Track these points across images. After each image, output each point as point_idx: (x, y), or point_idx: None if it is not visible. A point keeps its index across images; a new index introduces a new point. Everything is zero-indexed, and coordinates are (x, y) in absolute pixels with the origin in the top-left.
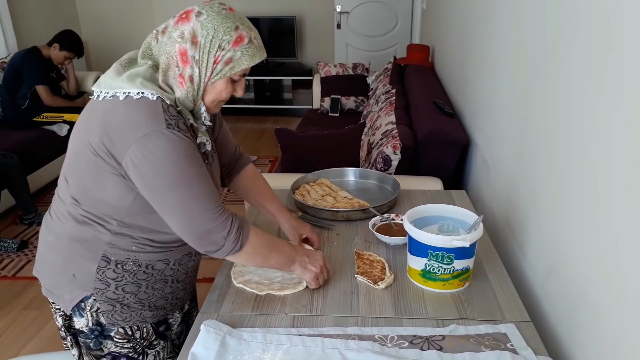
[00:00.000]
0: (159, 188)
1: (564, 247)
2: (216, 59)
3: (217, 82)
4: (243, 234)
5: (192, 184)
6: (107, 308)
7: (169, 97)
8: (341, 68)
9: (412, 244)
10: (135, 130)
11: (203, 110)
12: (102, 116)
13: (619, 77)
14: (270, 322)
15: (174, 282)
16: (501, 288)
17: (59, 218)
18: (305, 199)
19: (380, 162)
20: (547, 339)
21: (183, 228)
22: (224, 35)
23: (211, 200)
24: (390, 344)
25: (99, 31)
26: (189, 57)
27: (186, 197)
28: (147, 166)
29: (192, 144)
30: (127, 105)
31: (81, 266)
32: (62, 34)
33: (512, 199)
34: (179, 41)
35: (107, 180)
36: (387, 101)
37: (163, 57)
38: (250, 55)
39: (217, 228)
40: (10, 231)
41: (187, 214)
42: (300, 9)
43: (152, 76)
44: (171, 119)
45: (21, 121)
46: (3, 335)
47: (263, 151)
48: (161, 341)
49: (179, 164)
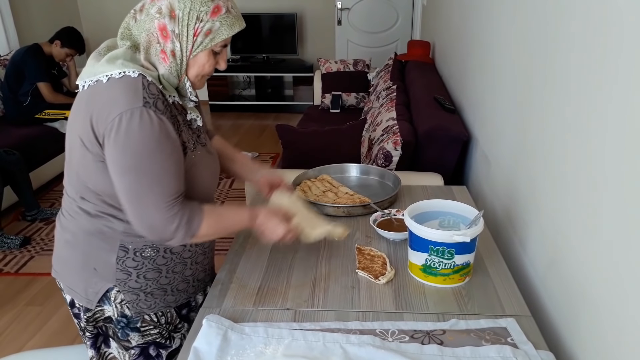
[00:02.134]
0: (121, 168)
1: (564, 242)
2: (195, 31)
3: (199, 55)
4: (193, 226)
5: (152, 170)
6: (131, 298)
7: (151, 75)
8: (342, 64)
9: (412, 239)
10: (113, 108)
11: (188, 85)
12: (86, 103)
13: (618, 72)
14: (272, 316)
15: (192, 263)
16: (502, 283)
17: (71, 215)
18: (307, 195)
19: (381, 158)
20: (548, 334)
21: (133, 215)
22: (201, 7)
23: (166, 193)
24: (391, 338)
25: (100, 28)
26: (169, 31)
27: (141, 183)
28: (116, 144)
29: (168, 126)
30: (109, 85)
31: (101, 259)
32: (63, 31)
33: (512, 194)
34: (157, 17)
35: (93, 169)
36: (388, 97)
37: (143, 35)
38: (229, 24)
39: (165, 222)
40: (13, 228)
41: (138, 201)
42: (301, 6)
43: (133, 56)
44: (150, 97)
45: (23, 118)
46: (6, 331)
47: (264, 147)
48: (185, 324)
49: (146, 146)
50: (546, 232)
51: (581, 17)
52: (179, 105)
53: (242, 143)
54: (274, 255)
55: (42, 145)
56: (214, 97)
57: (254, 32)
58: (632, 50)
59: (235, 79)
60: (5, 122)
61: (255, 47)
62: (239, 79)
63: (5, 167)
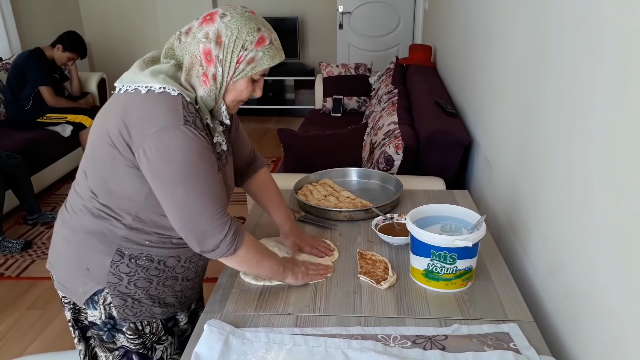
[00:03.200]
0: (168, 182)
1: (566, 246)
2: (239, 58)
3: (238, 82)
4: (238, 239)
5: (200, 182)
6: (119, 302)
7: (189, 95)
8: (343, 68)
9: (414, 244)
10: (154, 123)
11: (223, 109)
12: (122, 107)
13: (622, 75)
14: (273, 321)
15: (184, 280)
16: (504, 288)
17: (75, 212)
18: (308, 199)
19: (382, 162)
20: (550, 339)
21: (183, 224)
22: (247, 36)
23: (215, 201)
24: (393, 343)
25: (102, 32)
26: (213, 56)
27: (191, 195)
28: (159, 159)
29: (207, 143)
30: (148, 98)
31: (95, 260)
32: (65, 35)
33: (514, 198)
34: (204, 41)
35: (122, 172)
36: (390, 101)
37: (187, 57)
38: (271, 55)
39: (216, 229)
40: (15, 231)
41: (189, 211)
42: (303, 10)
43: (175, 74)
44: (189, 116)
45: (25, 122)
46: (7, 335)
47: (266, 151)
48: (169, 337)
49: (191, 161)
50: (548, 236)
51: (584, 21)
52: (209, 128)
53: None
54: None
55: (43, 149)
56: None
57: None
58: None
59: None
60: (7, 125)
61: None
62: None
63: (7, 170)
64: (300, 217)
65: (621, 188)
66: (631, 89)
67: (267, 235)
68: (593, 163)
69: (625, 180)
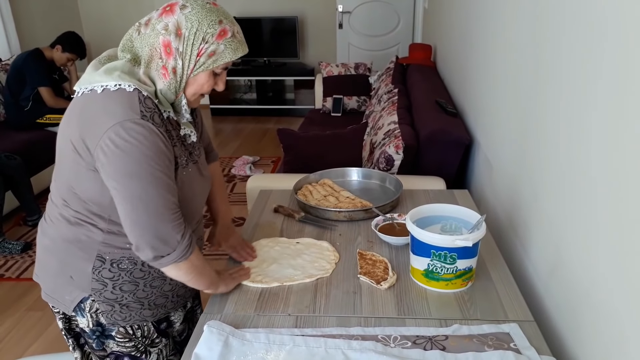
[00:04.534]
0: (123, 176)
1: (567, 246)
2: (200, 51)
3: (199, 75)
4: (193, 241)
5: (157, 178)
6: (106, 308)
7: (147, 90)
8: (343, 68)
9: (414, 244)
10: (109, 119)
11: (184, 102)
12: (79, 110)
13: (622, 74)
14: (273, 322)
15: (172, 279)
16: (504, 288)
17: (52, 221)
18: (308, 199)
19: (382, 162)
20: (551, 339)
21: (137, 224)
22: (208, 29)
23: (171, 200)
24: (393, 344)
25: (102, 33)
26: (173, 49)
27: (148, 191)
28: (115, 153)
29: (164, 139)
30: (103, 97)
31: (77, 267)
32: (64, 35)
33: (514, 198)
34: (163, 33)
35: (85, 176)
36: (390, 101)
37: (146, 49)
38: (233, 49)
39: (173, 230)
40: (14, 233)
41: (145, 208)
42: (302, 9)
43: (131, 70)
44: (147, 111)
45: (24, 123)
46: (8, 336)
47: (265, 151)
48: (163, 339)
49: (148, 156)
50: (549, 236)
51: (584, 20)
52: (174, 121)
53: (243, 147)
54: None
55: (43, 150)
56: (214, 101)
57: (255, 35)
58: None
59: (236, 82)
60: (6, 126)
61: (256, 51)
62: (240, 83)
63: (6, 171)
64: (300, 217)
65: (622, 187)
66: (632, 88)
67: (266, 236)
68: (594, 162)
69: (626, 179)
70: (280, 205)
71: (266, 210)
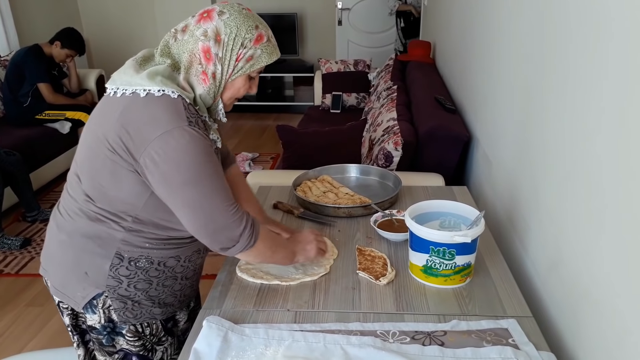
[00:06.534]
0: (178, 184)
1: (565, 242)
2: (238, 56)
3: (236, 79)
4: (255, 230)
5: (210, 180)
6: (119, 305)
7: (188, 96)
8: (342, 65)
9: (413, 240)
10: (157, 127)
11: (221, 107)
12: (121, 112)
13: (620, 70)
14: (272, 317)
15: (183, 279)
16: (503, 283)
17: (70, 216)
18: (307, 196)
19: (381, 158)
20: (549, 334)
21: (199, 224)
22: (246, 34)
23: (227, 197)
24: (392, 339)
25: (101, 28)
26: (212, 54)
27: (204, 193)
28: (168, 162)
29: (209, 142)
30: (148, 102)
31: (94, 264)
32: (63, 31)
33: (513, 194)
34: (202, 39)
35: (123, 177)
36: (389, 97)
37: (185, 55)
38: (269, 53)
39: (234, 224)
40: (14, 228)
41: (204, 210)
42: (302, 6)
43: (171, 75)
44: (192, 117)
45: (23, 119)
46: (7, 331)
47: (265, 148)
48: (169, 338)
49: (199, 161)
50: (548, 232)
51: (582, 16)
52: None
53: (242, 144)
54: None
55: (42, 146)
56: None
57: None
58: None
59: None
60: (5, 122)
61: None
62: None
63: (6, 167)
64: (299, 213)
65: (622, 182)
66: (637, 82)
67: None
68: (594, 158)
69: (630, 176)
70: (280, 202)
71: (265, 206)
